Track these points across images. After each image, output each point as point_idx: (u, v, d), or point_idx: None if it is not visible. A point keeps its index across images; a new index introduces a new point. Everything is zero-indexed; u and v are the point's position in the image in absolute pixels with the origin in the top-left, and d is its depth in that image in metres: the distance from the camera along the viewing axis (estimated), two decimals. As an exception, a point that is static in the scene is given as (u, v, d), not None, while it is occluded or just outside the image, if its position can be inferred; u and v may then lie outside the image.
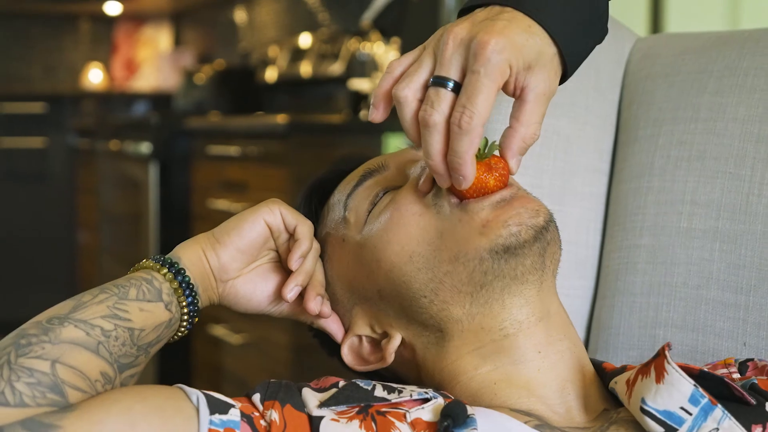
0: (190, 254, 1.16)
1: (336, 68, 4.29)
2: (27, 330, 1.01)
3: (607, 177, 1.45)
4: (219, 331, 3.71)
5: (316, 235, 1.24)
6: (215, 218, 3.78)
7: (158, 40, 7.06)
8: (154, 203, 4.39)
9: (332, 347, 1.20)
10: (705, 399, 1.01)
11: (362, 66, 4.05)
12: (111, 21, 6.98)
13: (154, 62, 6.91)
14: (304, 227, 1.17)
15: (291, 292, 1.14)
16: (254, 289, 1.19)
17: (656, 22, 3.54)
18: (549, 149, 1.38)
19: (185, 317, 1.12)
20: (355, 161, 1.27)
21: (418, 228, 1.12)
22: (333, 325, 1.20)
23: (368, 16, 3.97)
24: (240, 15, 5.86)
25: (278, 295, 1.19)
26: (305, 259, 1.17)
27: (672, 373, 1.01)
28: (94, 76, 6.79)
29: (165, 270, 1.12)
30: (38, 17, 6.80)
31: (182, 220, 4.32)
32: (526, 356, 1.10)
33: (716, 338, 1.25)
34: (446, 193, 1.10)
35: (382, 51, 3.93)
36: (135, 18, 6.98)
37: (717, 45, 1.38)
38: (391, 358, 1.15)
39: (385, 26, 3.97)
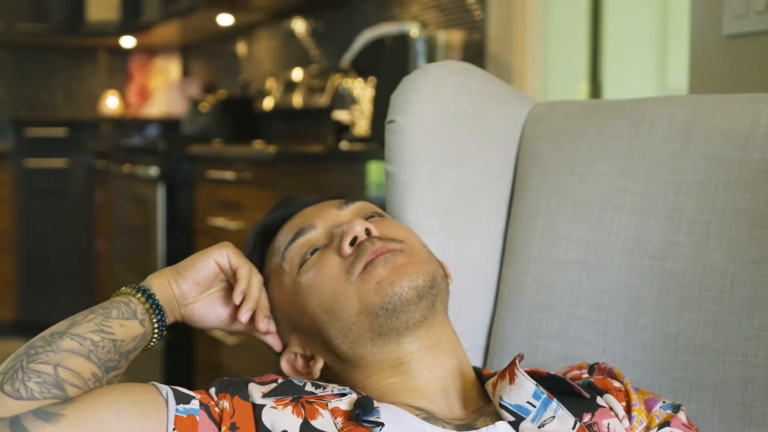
0: (158, 284, 1.29)
1: (323, 100, 4.31)
2: (35, 342, 1.15)
3: (504, 218, 1.55)
4: (218, 333, 3.75)
5: (262, 269, 1.37)
6: (214, 234, 3.96)
7: (168, 70, 7.03)
8: (161, 219, 4.45)
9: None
10: (544, 395, 1.15)
11: (343, 99, 4.08)
12: (126, 53, 6.98)
13: (165, 90, 6.87)
14: (244, 269, 1.30)
15: (244, 316, 1.28)
16: (208, 311, 1.33)
17: (595, 83, 3.50)
18: (456, 196, 1.49)
19: (156, 331, 1.25)
20: (294, 205, 1.41)
21: (332, 289, 1.26)
22: (273, 341, 1.34)
23: (347, 58, 4.00)
24: (241, 49, 5.85)
25: (232, 316, 1.32)
26: (251, 289, 1.29)
27: (520, 376, 1.15)
28: (111, 103, 6.79)
29: (139, 295, 1.25)
30: (61, 50, 6.79)
31: (186, 234, 4.39)
32: (418, 374, 1.24)
33: (583, 347, 1.38)
34: (361, 258, 1.23)
35: (360, 87, 3.98)
36: (147, 50, 6.95)
37: (591, 112, 1.50)
38: (316, 375, 1.30)
39: (363, 66, 3.99)
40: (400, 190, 1.45)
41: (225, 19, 5.43)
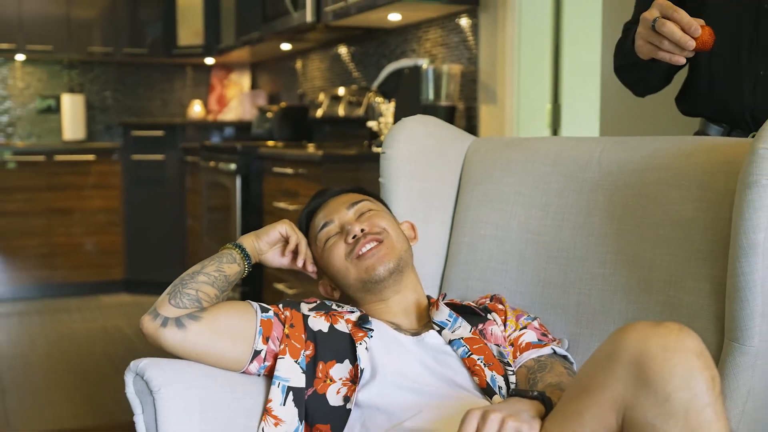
0: (246, 242, 1.63)
1: (359, 112, 4.46)
2: (184, 277, 1.51)
3: (452, 210, 1.90)
4: (280, 286, 4.00)
5: (308, 234, 1.70)
6: (277, 213, 4.11)
7: (241, 83, 7.00)
8: (238, 202, 4.62)
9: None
10: (453, 315, 1.55)
11: (374, 112, 4.20)
12: (208, 69, 7.03)
13: (238, 99, 6.81)
14: (294, 236, 1.65)
15: (300, 262, 1.66)
16: (273, 258, 1.67)
17: (556, 105, 3.57)
18: (422, 197, 1.85)
19: (246, 269, 1.60)
20: (325, 195, 1.73)
21: (339, 263, 1.62)
22: (313, 275, 1.69)
23: (376, 84, 4.17)
24: (298, 67, 5.89)
25: (290, 262, 1.67)
26: (301, 246, 1.65)
27: (441, 305, 1.56)
28: (196, 109, 6.82)
29: (236, 249, 1.60)
30: (158, 67, 6.89)
31: (257, 214, 4.53)
32: (391, 304, 1.62)
33: (492, 285, 1.76)
34: (355, 248, 1.57)
35: (385, 105, 4.10)
36: (225, 67, 6.98)
37: (505, 146, 1.88)
38: (337, 297, 1.67)
39: (387, 89, 4.18)
40: (388, 193, 1.82)
41: (286, 46, 5.53)
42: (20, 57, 6.44)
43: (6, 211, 5.98)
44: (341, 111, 4.78)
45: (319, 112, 5.12)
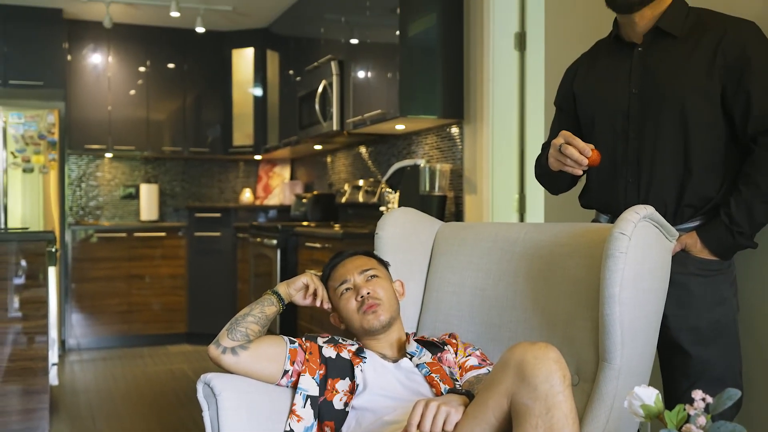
0: (281, 288, 1.86)
1: (374, 199, 4.71)
2: (237, 317, 1.77)
3: (425, 273, 2.14)
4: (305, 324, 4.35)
5: (327, 284, 1.89)
6: None
7: (283, 174, 7.05)
8: (278, 270, 4.78)
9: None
10: (420, 347, 1.81)
11: (384, 200, 4.39)
12: (257, 163, 7.09)
13: (281, 188, 6.87)
14: (314, 283, 1.86)
15: (318, 303, 1.88)
16: (299, 299, 1.88)
17: (522, 195, 3.70)
18: (404, 264, 2.09)
19: (281, 308, 1.83)
20: (342, 256, 1.92)
21: (349, 314, 1.85)
22: (328, 309, 1.88)
23: (384, 178, 4.36)
24: (329, 162, 5.98)
25: (311, 300, 1.87)
26: (321, 291, 1.86)
27: (411, 340, 1.82)
28: (246, 196, 6.93)
29: (274, 295, 1.84)
30: (216, 161, 7.01)
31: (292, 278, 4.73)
32: (381, 342, 1.85)
33: (452, 326, 2.00)
34: (362, 306, 1.76)
35: (392, 195, 4.30)
36: (270, 162, 7.05)
37: (465, 228, 2.12)
38: (343, 328, 1.89)
39: (393, 183, 4.36)
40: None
41: (318, 146, 5.68)
42: (109, 155, 6.67)
43: (95, 277, 6.13)
44: (361, 198, 4.95)
45: (344, 199, 5.25)
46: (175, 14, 5.64)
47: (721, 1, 2.04)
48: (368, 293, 1.81)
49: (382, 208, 4.42)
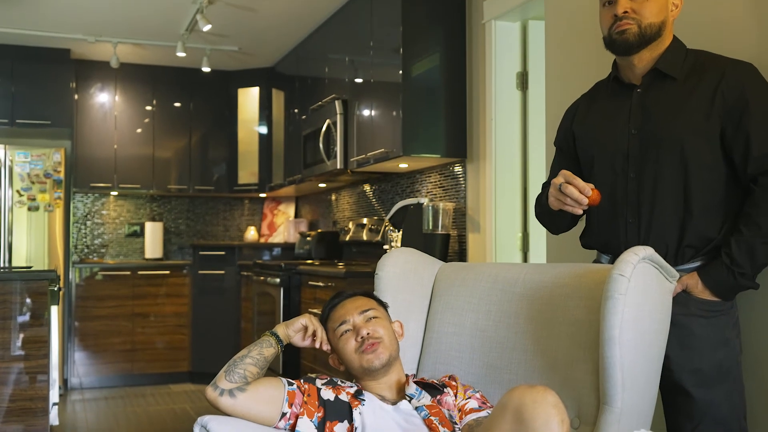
0: (279, 330, 1.86)
1: (378, 238, 4.70)
2: (235, 359, 1.75)
3: (425, 313, 2.13)
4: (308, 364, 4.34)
5: (326, 324, 1.89)
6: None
7: (288, 212, 7.02)
8: (281, 309, 4.78)
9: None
10: (419, 389, 1.80)
11: (388, 238, 4.39)
12: (261, 200, 7.12)
13: (285, 225, 6.87)
14: (313, 324, 1.86)
15: (317, 344, 1.87)
16: (298, 341, 1.87)
17: (525, 233, 3.70)
18: (404, 303, 2.08)
19: (280, 350, 1.82)
20: (341, 297, 1.92)
21: (349, 354, 1.85)
22: (327, 350, 1.88)
23: (388, 216, 4.35)
24: (333, 199, 6.00)
25: (310, 343, 1.86)
26: (320, 332, 1.85)
27: (411, 382, 1.82)
28: (251, 233, 6.93)
29: (272, 336, 1.84)
30: (221, 199, 7.02)
31: (295, 317, 4.69)
32: (381, 382, 1.85)
33: (452, 368, 1.98)
34: (362, 346, 1.76)
35: (395, 233, 4.28)
36: (275, 200, 7.05)
37: (465, 269, 2.13)
38: (342, 370, 1.89)
39: (396, 221, 4.33)
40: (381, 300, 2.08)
41: (322, 185, 5.69)
42: (114, 193, 6.71)
43: (99, 315, 6.14)
44: (364, 236, 4.96)
45: (348, 237, 5.28)
46: (181, 54, 5.70)
47: (717, 43, 2.07)
48: (368, 333, 1.82)
49: (385, 247, 4.45)
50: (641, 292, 1.67)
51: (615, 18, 1.95)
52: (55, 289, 3.46)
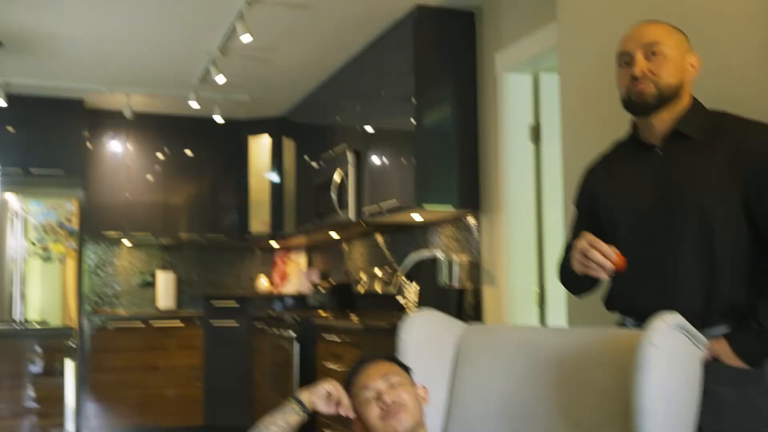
0: (303, 396, 1.85)
1: (391, 289, 4.72)
2: (261, 428, 1.76)
3: (449, 378, 2.09)
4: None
5: (349, 390, 1.87)
6: (327, 373, 4.22)
7: (299, 262, 7.05)
8: (296, 362, 4.80)
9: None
10: None
11: (402, 290, 4.42)
12: (273, 250, 7.12)
13: (297, 275, 6.89)
14: (337, 392, 1.84)
15: (341, 411, 1.85)
16: (321, 407, 1.85)
17: (542, 287, 3.72)
18: (428, 367, 2.05)
19: (305, 419, 1.83)
20: (365, 362, 1.90)
21: (372, 421, 1.82)
22: (351, 417, 1.85)
23: (402, 270, 4.38)
24: (345, 249, 5.99)
25: (334, 409, 1.84)
26: (343, 399, 1.83)
27: None
28: (263, 283, 6.95)
29: (296, 403, 1.83)
30: (233, 249, 7.03)
31: (311, 371, 4.65)
32: None
33: None
34: (384, 413, 1.76)
35: (410, 286, 4.31)
36: (286, 249, 7.07)
37: (488, 331, 2.13)
38: None
39: (411, 274, 4.36)
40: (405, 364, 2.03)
41: (334, 235, 5.71)
42: (126, 242, 6.73)
43: (111, 367, 6.12)
44: (378, 288, 4.98)
45: (361, 288, 5.35)
46: (195, 106, 5.72)
47: (737, 104, 2.05)
48: (393, 401, 1.80)
49: (399, 298, 4.43)
50: (672, 361, 1.66)
51: (633, 78, 1.94)
52: (70, 344, 3.45)
